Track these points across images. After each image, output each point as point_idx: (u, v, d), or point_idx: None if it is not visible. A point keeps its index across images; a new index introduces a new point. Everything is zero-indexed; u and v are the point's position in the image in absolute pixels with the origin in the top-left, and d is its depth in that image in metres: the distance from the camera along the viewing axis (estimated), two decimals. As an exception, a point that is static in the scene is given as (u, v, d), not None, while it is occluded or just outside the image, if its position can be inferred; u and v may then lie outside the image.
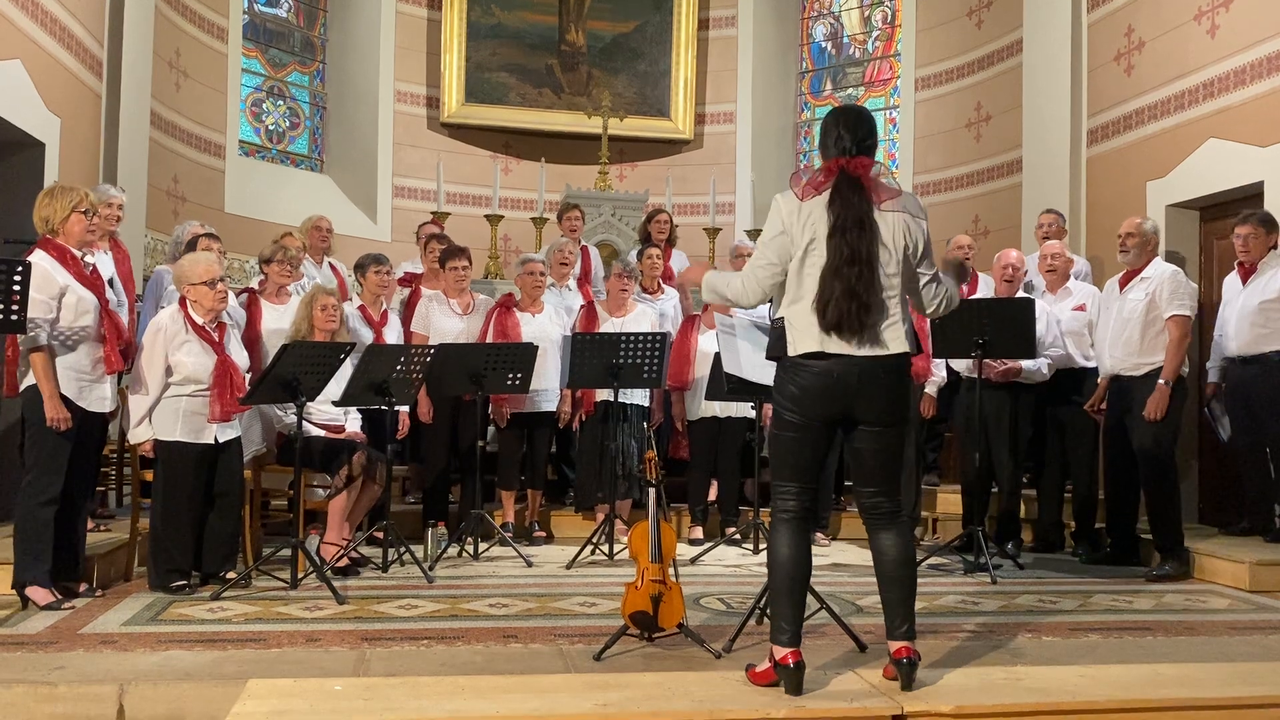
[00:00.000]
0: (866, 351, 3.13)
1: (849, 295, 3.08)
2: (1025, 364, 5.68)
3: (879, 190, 3.18)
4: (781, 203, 3.24)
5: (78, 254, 4.37)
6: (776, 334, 3.27)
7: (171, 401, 4.58)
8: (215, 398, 4.57)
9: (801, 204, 3.19)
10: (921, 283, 3.31)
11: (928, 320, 5.59)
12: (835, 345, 3.13)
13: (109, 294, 4.58)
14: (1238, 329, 5.61)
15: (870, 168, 3.20)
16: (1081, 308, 5.91)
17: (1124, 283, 5.48)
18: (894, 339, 3.17)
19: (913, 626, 3.21)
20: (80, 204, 4.37)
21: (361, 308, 6.05)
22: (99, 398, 4.41)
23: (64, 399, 4.22)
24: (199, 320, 4.63)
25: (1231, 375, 5.73)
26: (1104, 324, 5.58)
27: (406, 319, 6.39)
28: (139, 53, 7.97)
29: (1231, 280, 5.83)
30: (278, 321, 5.58)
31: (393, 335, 6.06)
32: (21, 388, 4.30)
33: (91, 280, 4.40)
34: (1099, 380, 5.65)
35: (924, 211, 3.32)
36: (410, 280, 7.05)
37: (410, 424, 5.98)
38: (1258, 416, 5.55)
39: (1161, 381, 5.22)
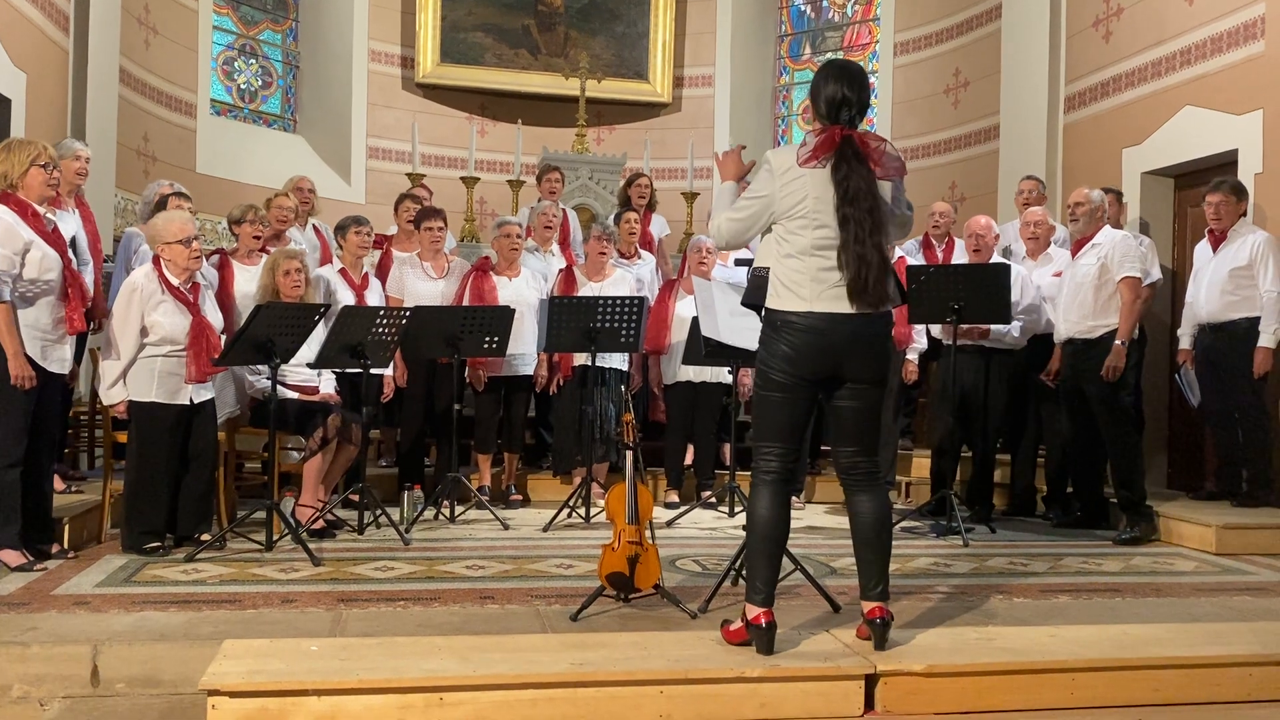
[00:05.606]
0: (857, 309, 3.13)
1: (883, 266, 3.11)
2: (993, 326, 5.72)
3: (885, 165, 3.18)
4: (774, 161, 3.21)
5: (40, 210, 4.29)
6: (758, 282, 3.25)
7: (147, 362, 4.52)
8: (192, 358, 4.52)
9: (797, 167, 3.16)
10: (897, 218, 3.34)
11: (904, 285, 5.63)
12: (824, 305, 3.13)
13: (70, 254, 4.50)
14: (1208, 296, 5.67)
15: (879, 143, 3.19)
16: (1060, 274, 5.94)
17: (1075, 250, 5.55)
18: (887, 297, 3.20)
19: (887, 587, 3.25)
20: (39, 157, 4.26)
21: (343, 270, 5.97)
22: (59, 359, 4.35)
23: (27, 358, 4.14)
24: (174, 280, 4.57)
25: (1202, 342, 5.78)
26: (1061, 293, 5.63)
27: (380, 280, 6.31)
28: (107, 8, 7.80)
29: (1202, 248, 5.88)
30: (250, 283, 5.50)
31: (374, 298, 5.99)
32: None
33: (54, 238, 4.32)
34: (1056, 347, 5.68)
35: (905, 166, 3.32)
36: (381, 242, 6.96)
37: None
38: (1226, 383, 5.62)
39: (1118, 342, 5.27)
